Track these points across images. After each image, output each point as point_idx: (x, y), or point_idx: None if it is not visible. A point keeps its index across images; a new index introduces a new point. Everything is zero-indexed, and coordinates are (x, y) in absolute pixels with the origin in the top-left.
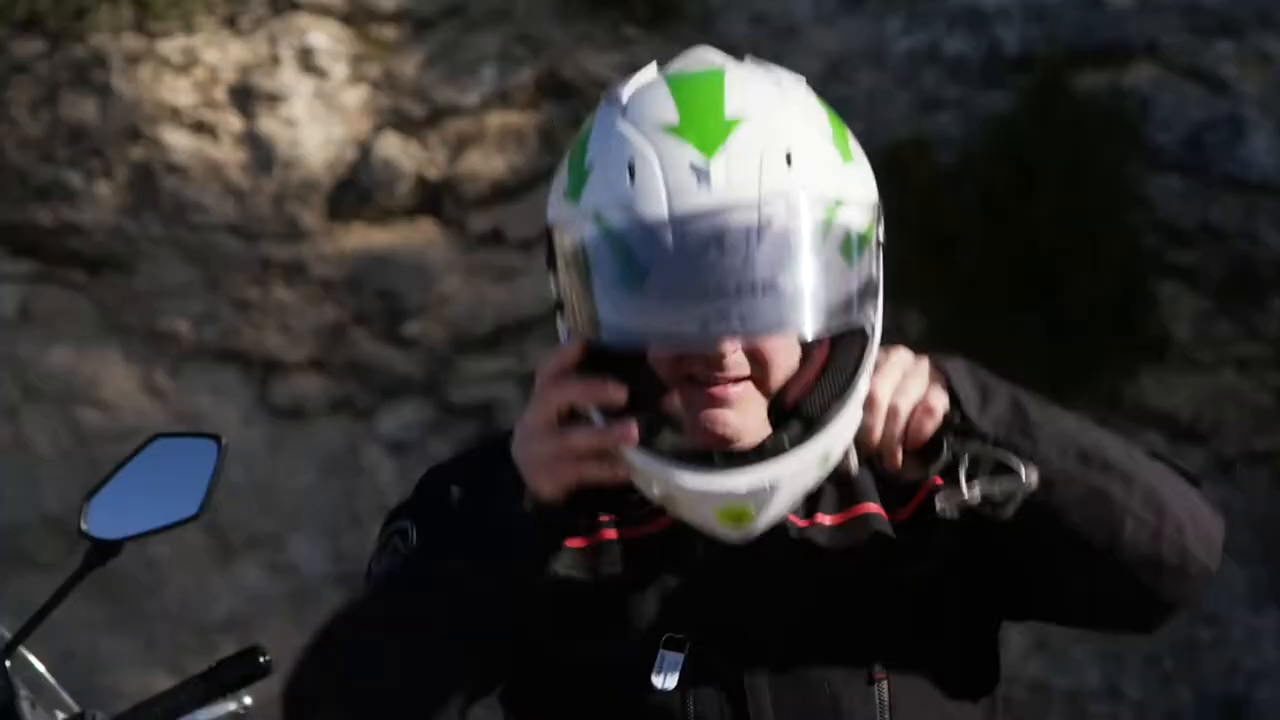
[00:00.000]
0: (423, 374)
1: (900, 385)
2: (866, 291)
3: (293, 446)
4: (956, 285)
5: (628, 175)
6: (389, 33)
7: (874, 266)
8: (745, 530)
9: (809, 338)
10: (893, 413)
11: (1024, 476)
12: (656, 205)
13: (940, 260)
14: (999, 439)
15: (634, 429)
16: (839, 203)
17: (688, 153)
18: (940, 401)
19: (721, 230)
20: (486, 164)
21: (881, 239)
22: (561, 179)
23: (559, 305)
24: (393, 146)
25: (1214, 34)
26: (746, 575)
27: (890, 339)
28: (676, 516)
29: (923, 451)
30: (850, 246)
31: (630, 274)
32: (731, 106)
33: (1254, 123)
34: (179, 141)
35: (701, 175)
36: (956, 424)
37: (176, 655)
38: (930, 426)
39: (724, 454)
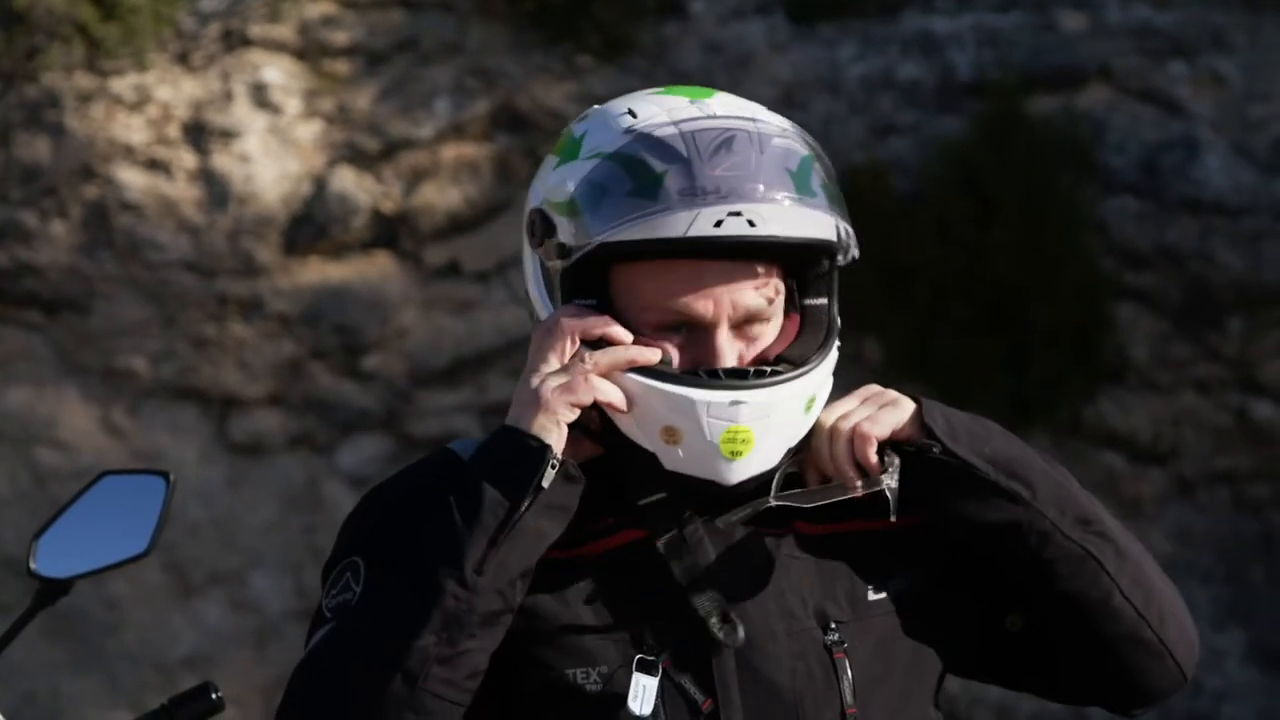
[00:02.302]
0: (381, 408)
1: (849, 412)
2: (847, 243)
3: (252, 483)
4: (915, 312)
5: (628, 115)
6: (342, 67)
7: (847, 223)
8: (741, 464)
9: (808, 237)
10: (833, 433)
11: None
12: (660, 119)
13: (898, 287)
14: (980, 469)
15: (658, 351)
16: (819, 155)
17: (682, 99)
18: (885, 423)
19: (729, 134)
20: (442, 196)
21: (847, 219)
22: (547, 166)
23: (544, 284)
24: (347, 180)
25: (1166, 56)
26: (716, 594)
27: (849, 367)
28: (674, 465)
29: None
30: (829, 190)
31: (645, 181)
32: (712, 89)
33: (1208, 143)
34: (133, 179)
35: (698, 104)
36: (920, 448)
37: (138, 694)
38: (869, 446)
39: (728, 371)
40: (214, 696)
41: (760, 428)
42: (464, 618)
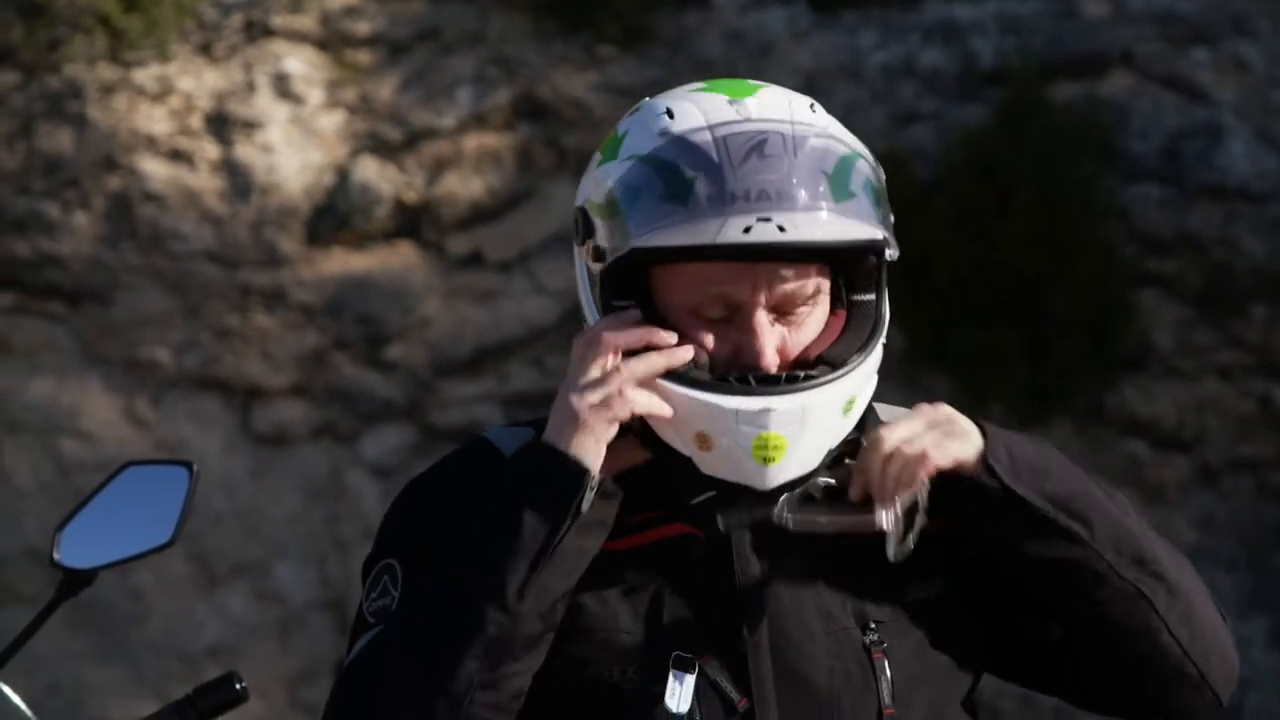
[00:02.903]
0: (404, 398)
1: (915, 435)
2: (886, 243)
3: (275, 473)
4: (934, 301)
5: (665, 116)
6: (364, 57)
7: (889, 224)
8: (774, 470)
9: (840, 240)
10: (894, 455)
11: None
12: (695, 122)
13: (917, 276)
14: (1039, 507)
15: (690, 348)
16: (862, 153)
17: (721, 97)
18: (950, 452)
19: (761, 138)
20: (464, 186)
21: (892, 220)
22: (593, 163)
23: (588, 283)
24: (370, 170)
25: (1189, 42)
26: (756, 590)
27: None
28: (708, 469)
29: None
30: (872, 190)
31: (677, 186)
32: (756, 83)
33: (1231, 130)
34: (156, 170)
35: (736, 105)
36: (977, 482)
37: (162, 684)
38: (920, 475)
39: (759, 378)
40: (238, 687)
41: (792, 434)
42: (506, 643)
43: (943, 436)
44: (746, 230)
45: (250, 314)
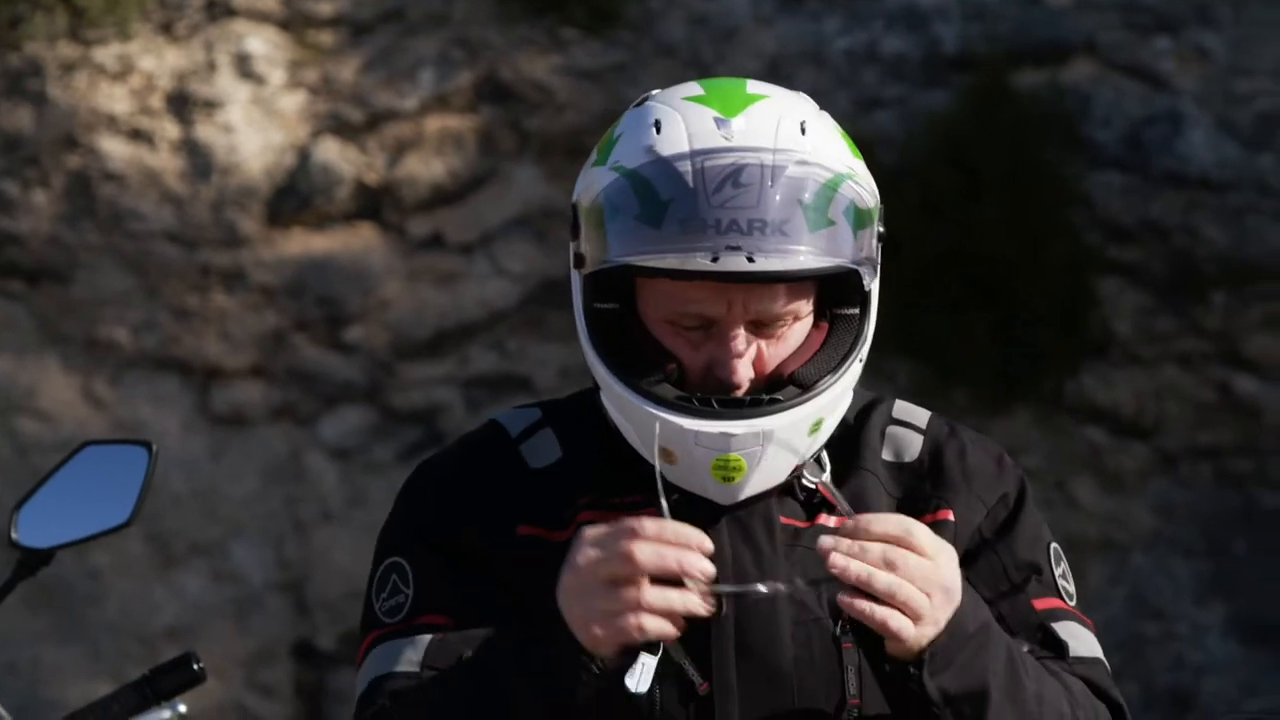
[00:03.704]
0: (364, 380)
1: (907, 579)
2: (865, 264)
3: (234, 454)
4: (901, 287)
5: (653, 129)
6: (326, 38)
7: (874, 248)
8: (735, 488)
9: (809, 269)
10: (886, 593)
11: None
12: (678, 145)
13: (884, 262)
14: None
15: (713, 568)
16: (849, 175)
17: (711, 112)
18: (903, 628)
19: (738, 167)
20: (425, 168)
21: (882, 234)
22: (590, 159)
23: (576, 278)
24: (331, 151)
25: (1152, 30)
26: (724, 577)
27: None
28: (673, 479)
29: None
30: (854, 214)
31: (652, 207)
32: (753, 88)
33: (1192, 118)
34: (116, 149)
35: (722, 124)
36: (897, 668)
37: (120, 664)
38: (881, 626)
39: (721, 401)
40: (195, 667)
41: (752, 456)
42: None
43: (928, 619)
44: (715, 259)
45: (210, 294)
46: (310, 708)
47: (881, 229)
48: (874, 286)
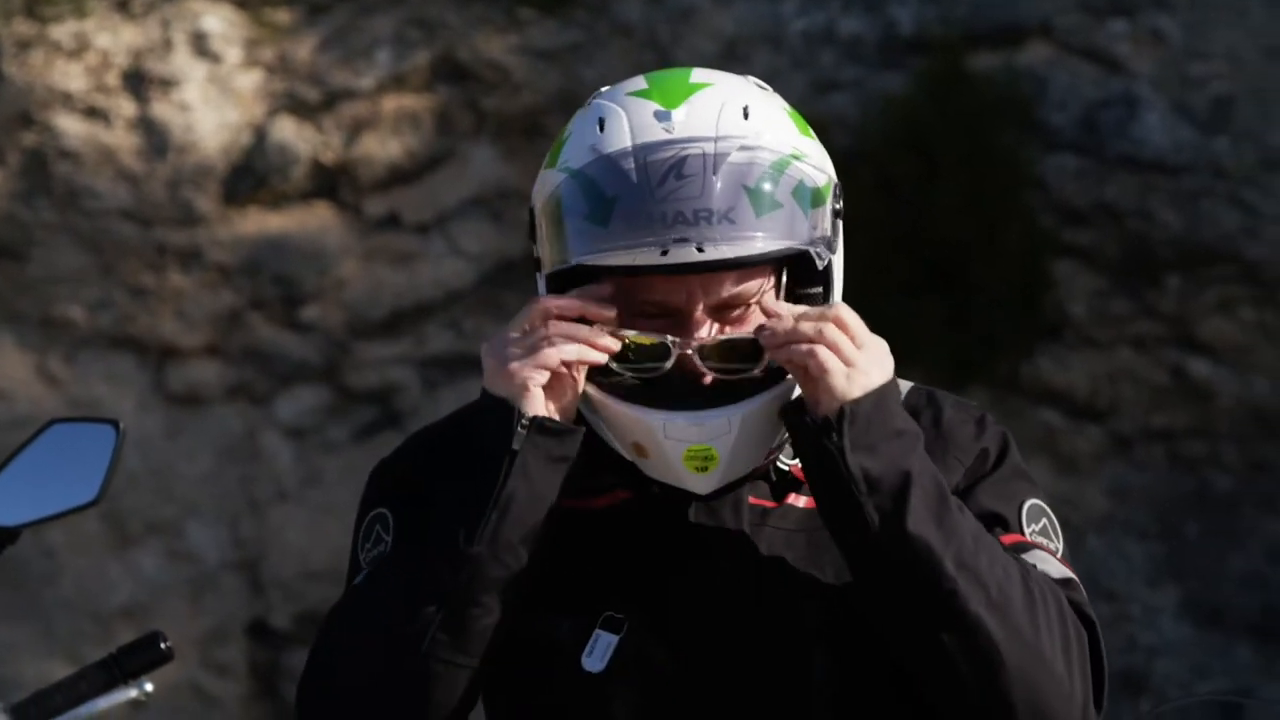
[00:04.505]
0: (320, 359)
1: (843, 344)
2: (819, 243)
3: (190, 433)
4: (856, 269)
5: (597, 127)
6: (283, 16)
7: (829, 225)
8: (709, 477)
9: (760, 253)
10: (814, 335)
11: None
12: (621, 142)
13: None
14: (855, 487)
15: (617, 343)
16: (795, 155)
17: (652, 105)
18: (839, 379)
19: (680, 159)
20: (382, 147)
21: (840, 210)
22: (546, 159)
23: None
24: (287, 130)
25: (1107, 13)
26: (697, 560)
27: None
28: (650, 473)
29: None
30: (804, 195)
31: (598, 206)
32: (697, 77)
33: (1147, 102)
34: (71, 127)
35: (663, 117)
36: (808, 427)
37: (75, 643)
38: (808, 358)
39: (690, 390)
40: (163, 646)
41: (723, 445)
42: (465, 588)
43: (859, 368)
44: (664, 252)
45: (166, 273)
46: (265, 686)
47: (839, 205)
48: (837, 262)
